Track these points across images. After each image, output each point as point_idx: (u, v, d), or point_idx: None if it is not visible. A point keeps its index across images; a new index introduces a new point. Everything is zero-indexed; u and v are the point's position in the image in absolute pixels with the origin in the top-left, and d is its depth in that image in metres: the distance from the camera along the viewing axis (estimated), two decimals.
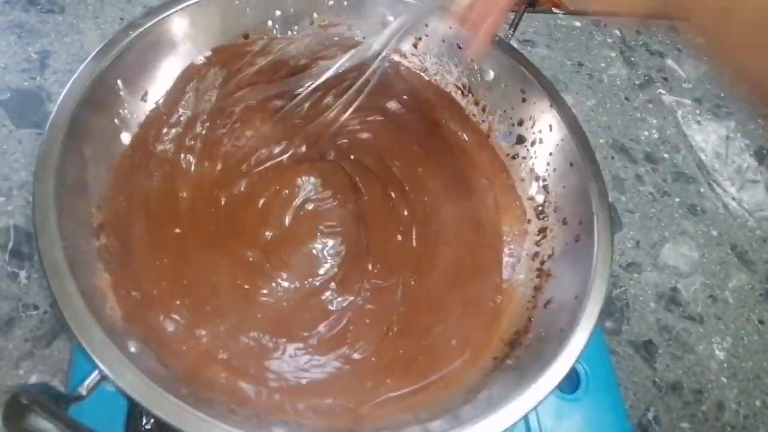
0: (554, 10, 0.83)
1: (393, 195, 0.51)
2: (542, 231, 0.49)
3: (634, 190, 0.68)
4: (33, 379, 0.46)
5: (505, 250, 0.49)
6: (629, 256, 0.63)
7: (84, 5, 0.68)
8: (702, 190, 0.70)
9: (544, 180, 0.50)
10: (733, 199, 0.70)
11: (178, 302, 0.41)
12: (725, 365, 0.58)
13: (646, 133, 0.73)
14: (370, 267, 0.47)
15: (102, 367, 0.31)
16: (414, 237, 0.49)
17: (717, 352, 0.59)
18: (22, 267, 0.51)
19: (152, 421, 0.41)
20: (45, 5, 0.67)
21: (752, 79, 0.32)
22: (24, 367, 0.47)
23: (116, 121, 0.44)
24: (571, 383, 0.48)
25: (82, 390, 0.31)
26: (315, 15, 0.53)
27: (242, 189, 0.48)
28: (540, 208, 0.50)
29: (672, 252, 0.65)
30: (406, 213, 0.50)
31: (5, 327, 0.48)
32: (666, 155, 0.72)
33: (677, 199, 0.69)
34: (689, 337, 0.59)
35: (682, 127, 0.75)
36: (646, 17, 0.33)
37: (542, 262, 0.47)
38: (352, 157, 0.52)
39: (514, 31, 0.51)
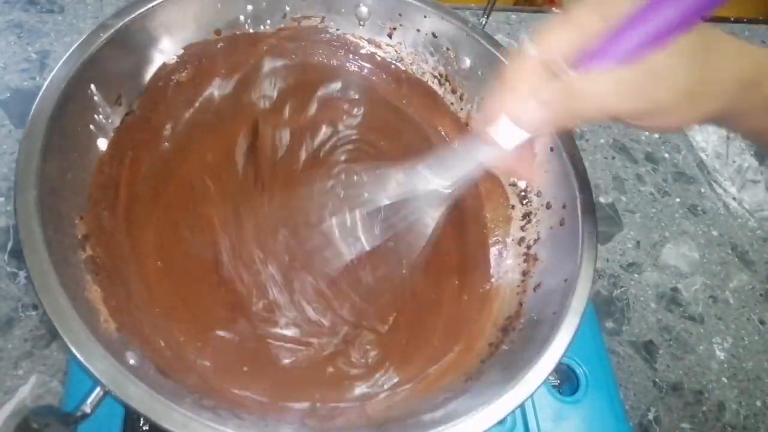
0: (553, 9, 0.83)
1: None
2: (526, 216, 0.49)
3: (635, 190, 0.68)
4: (32, 379, 0.46)
5: (491, 236, 0.50)
6: (630, 256, 0.63)
7: (83, 5, 0.68)
8: (702, 190, 0.70)
9: None
10: (734, 199, 0.70)
11: (169, 311, 0.40)
12: (726, 365, 0.58)
13: (647, 132, 0.73)
14: (360, 266, 0.47)
15: (106, 383, 0.30)
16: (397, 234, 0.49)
17: (717, 352, 0.59)
18: (22, 267, 0.50)
19: (149, 427, 0.41)
20: (45, 5, 0.67)
21: None
22: (23, 367, 0.47)
23: (92, 127, 0.43)
24: (570, 385, 0.48)
25: (87, 408, 0.31)
26: (287, 8, 0.53)
27: (226, 195, 0.48)
28: (523, 193, 0.50)
29: (672, 252, 0.64)
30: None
31: (5, 327, 0.48)
32: (666, 155, 0.72)
33: (678, 199, 0.69)
34: (690, 338, 0.59)
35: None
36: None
37: (528, 247, 0.48)
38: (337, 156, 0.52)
39: (487, 18, 0.51)
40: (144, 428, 0.41)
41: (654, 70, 0.26)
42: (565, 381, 0.49)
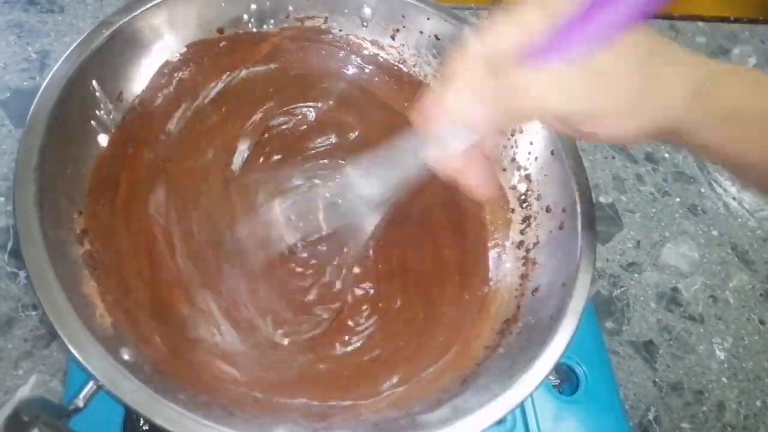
0: None
1: None
2: (526, 219, 0.49)
3: (635, 189, 0.68)
4: (32, 379, 0.46)
5: (490, 239, 0.50)
6: (630, 256, 0.63)
7: (83, 5, 0.68)
8: (702, 189, 0.70)
9: (526, 169, 0.50)
10: (734, 198, 0.70)
11: (163, 308, 0.41)
12: (726, 365, 0.58)
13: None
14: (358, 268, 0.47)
15: (98, 377, 0.30)
16: (398, 229, 0.49)
17: (717, 352, 0.59)
18: (22, 267, 0.50)
19: (149, 426, 0.41)
20: (45, 5, 0.67)
21: None
22: (23, 367, 0.47)
23: (93, 123, 0.43)
24: (570, 385, 0.48)
25: (80, 402, 0.31)
26: (290, 8, 0.52)
27: (224, 193, 0.47)
28: (523, 197, 0.50)
29: (672, 252, 0.64)
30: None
31: (5, 327, 0.48)
32: (666, 155, 0.72)
33: (678, 199, 0.68)
34: (690, 338, 0.59)
35: None
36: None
37: (528, 251, 0.48)
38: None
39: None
40: (144, 427, 0.41)
41: (598, 70, 0.25)
42: (565, 381, 0.49)
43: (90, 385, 0.32)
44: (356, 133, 0.53)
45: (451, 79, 0.28)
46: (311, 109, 0.53)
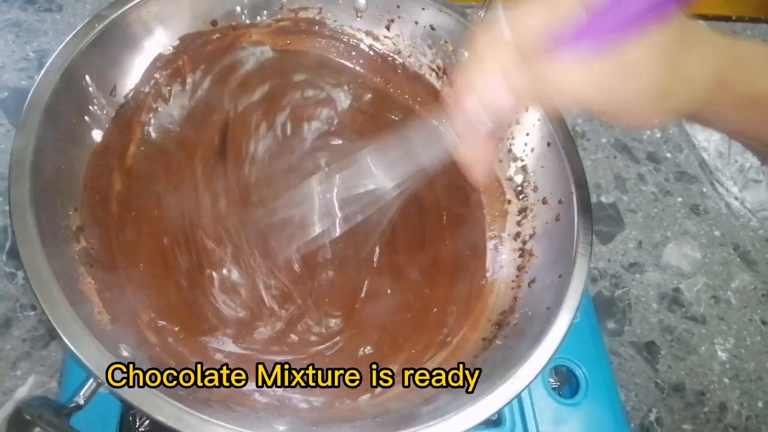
0: None
1: None
2: (522, 211, 0.49)
3: (637, 189, 0.68)
4: (30, 380, 0.46)
5: (487, 231, 0.50)
6: (631, 257, 0.63)
7: (82, 4, 0.68)
8: (704, 189, 0.69)
9: (522, 160, 0.50)
10: (736, 198, 0.69)
11: (160, 304, 0.40)
12: (727, 366, 0.58)
13: (649, 132, 0.73)
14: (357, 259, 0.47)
15: (98, 375, 0.30)
16: (395, 220, 0.49)
17: (719, 353, 0.59)
18: (20, 267, 0.50)
19: (146, 423, 0.41)
20: (43, 4, 0.67)
21: None
22: (22, 367, 0.47)
23: (86, 118, 0.42)
24: (570, 387, 0.48)
25: (80, 399, 0.31)
26: None
27: (224, 182, 0.47)
28: (519, 188, 0.50)
29: (674, 252, 0.64)
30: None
31: (3, 327, 0.48)
32: (668, 155, 0.71)
33: (680, 199, 0.68)
34: (691, 338, 0.59)
35: (685, 127, 0.74)
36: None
37: (524, 242, 0.48)
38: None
39: (486, 11, 0.51)
40: (141, 424, 0.41)
41: (625, 64, 0.26)
42: (565, 383, 0.49)
43: (90, 383, 0.32)
44: (351, 121, 0.53)
45: (480, 63, 0.28)
46: (307, 97, 0.53)
